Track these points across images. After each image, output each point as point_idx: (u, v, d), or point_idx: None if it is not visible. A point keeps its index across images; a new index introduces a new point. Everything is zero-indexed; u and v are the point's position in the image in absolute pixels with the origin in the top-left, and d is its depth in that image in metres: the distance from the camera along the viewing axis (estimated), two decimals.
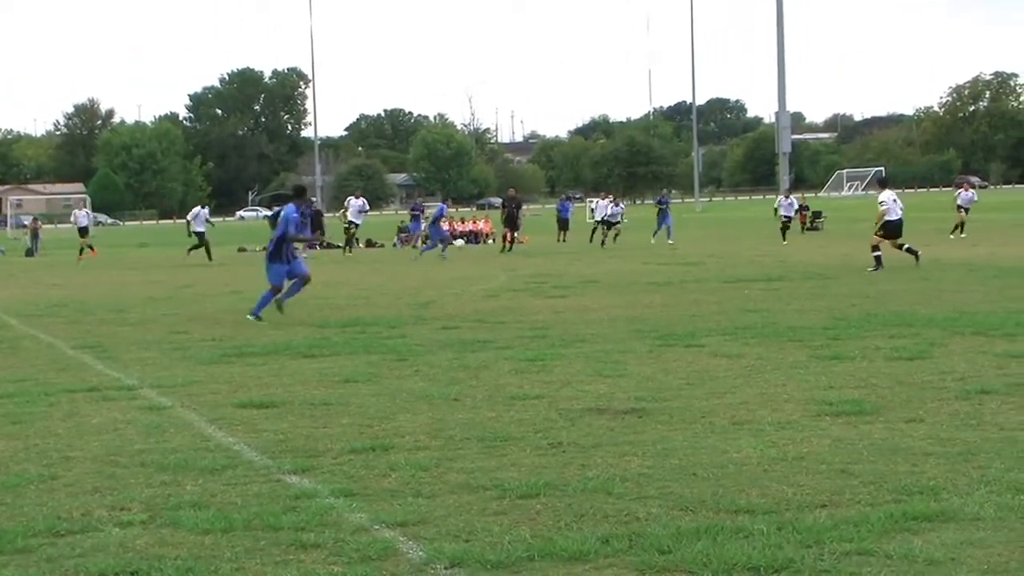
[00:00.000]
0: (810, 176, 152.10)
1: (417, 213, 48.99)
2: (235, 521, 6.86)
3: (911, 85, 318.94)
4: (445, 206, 41.64)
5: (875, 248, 26.11)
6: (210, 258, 38.88)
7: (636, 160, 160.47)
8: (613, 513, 6.84)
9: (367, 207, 49.10)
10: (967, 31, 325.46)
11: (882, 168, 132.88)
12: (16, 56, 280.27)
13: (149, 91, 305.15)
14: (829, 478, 7.49)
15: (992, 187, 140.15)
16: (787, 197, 46.54)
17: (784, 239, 41.99)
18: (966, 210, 41.85)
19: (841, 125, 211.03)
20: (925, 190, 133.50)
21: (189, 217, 41.43)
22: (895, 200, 26.37)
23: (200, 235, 39.86)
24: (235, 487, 7.71)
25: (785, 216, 44.91)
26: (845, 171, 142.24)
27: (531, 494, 7.29)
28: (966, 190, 43.79)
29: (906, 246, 26.24)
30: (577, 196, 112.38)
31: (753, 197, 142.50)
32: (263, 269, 19.23)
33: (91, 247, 46.41)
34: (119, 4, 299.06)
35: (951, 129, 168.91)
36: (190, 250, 40.13)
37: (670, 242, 42.92)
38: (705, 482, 7.48)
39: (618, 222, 44.74)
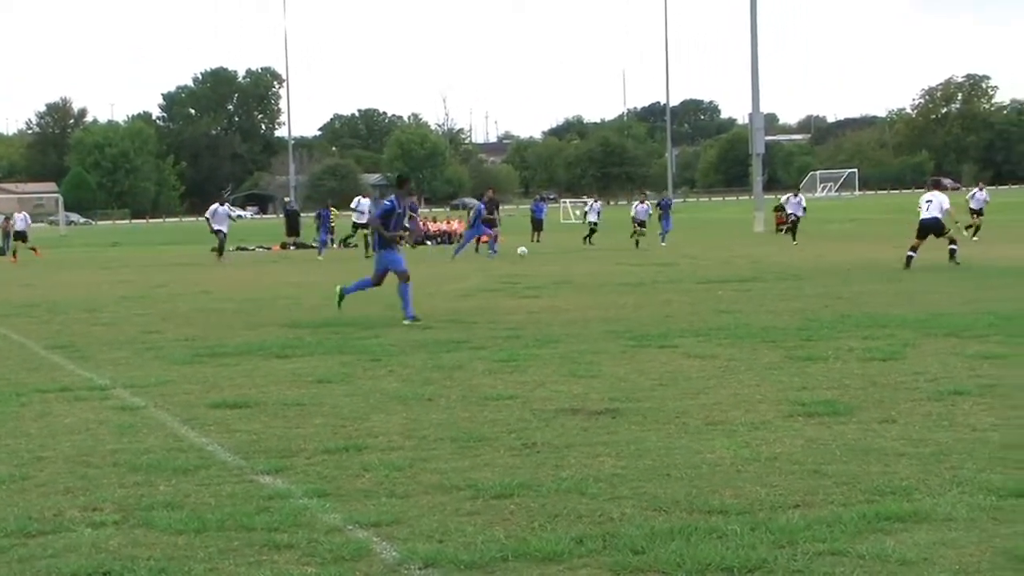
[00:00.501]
0: (783, 177, 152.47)
1: (413, 213, 48.71)
2: (208, 521, 6.84)
3: (884, 87, 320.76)
4: (484, 205, 41.30)
5: (912, 248, 26.27)
6: (220, 255, 37.70)
7: (610, 161, 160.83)
8: (587, 513, 6.84)
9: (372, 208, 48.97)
10: (940, 34, 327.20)
11: (855, 169, 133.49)
12: None
13: (122, 90, 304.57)
14: (802, 478, 7.51)
15: (964, 189, 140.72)
16: (796, 195, 45.09)
17: (794, 239, 41.28)
18: (979, 212, 41.52)
19: (814, 127, 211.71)
20: (898, 192, 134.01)
21: (207, 215, 39.69)
22: (928, 200, 26.46)
23: (219, 232, 38.25)
24: (208, 487, 7.68)
25: (793, 216, 43.84)
26: (819, 172, 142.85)
27: (505, 494, 7.28)
28: (980, 190, 43.60)
29: (909, 250, 26.20)
30: (551, 197, 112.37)
31: (727, 198, 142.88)
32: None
33: (15, 253, 45.07)
34: (92, 3, 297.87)
35: (924, 131, 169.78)
36: (219, 252, 38.05)
37: (663, 244, 42.88)
38: (679, 482, 7.49)
39: (643, 221, 44.39)
